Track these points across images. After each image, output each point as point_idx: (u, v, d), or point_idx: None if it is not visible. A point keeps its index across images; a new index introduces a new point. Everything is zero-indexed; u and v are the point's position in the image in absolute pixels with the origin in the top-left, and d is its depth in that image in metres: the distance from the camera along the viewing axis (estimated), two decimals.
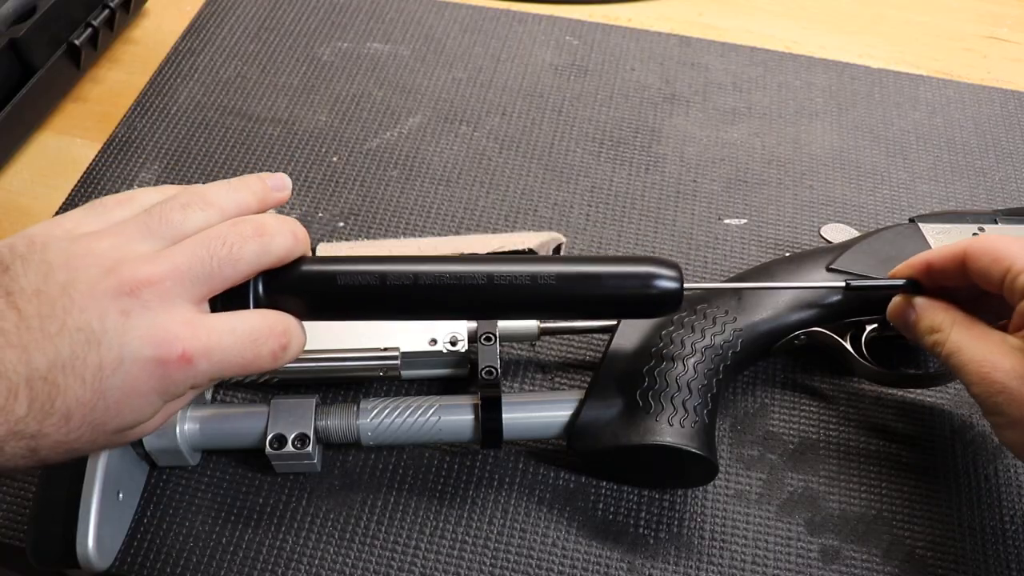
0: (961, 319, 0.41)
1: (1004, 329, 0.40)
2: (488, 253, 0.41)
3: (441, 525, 0.44)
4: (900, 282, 0.42)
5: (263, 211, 0.38)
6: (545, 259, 0.39)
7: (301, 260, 0.38)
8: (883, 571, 0.43)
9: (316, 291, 0.38)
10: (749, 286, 0.44)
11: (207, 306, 0.35)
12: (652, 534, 0.44)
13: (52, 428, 0.31)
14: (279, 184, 0.40)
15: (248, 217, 0.37)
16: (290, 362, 0.37)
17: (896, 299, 0.43)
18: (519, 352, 0.50)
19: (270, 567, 0.43)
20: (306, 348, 0.39)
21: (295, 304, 0.37)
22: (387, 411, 0.43)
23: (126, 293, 0.32)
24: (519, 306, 0.39)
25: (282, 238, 0.36)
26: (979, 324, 0.40)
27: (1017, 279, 0.39)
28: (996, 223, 0.49)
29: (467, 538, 0.44)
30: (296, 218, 0.56)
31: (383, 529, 0.44)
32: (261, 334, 0.35)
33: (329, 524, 0.44)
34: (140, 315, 0.32)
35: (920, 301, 0.42)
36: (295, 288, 0.38)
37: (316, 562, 0.43)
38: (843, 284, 0.42)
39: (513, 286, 0.38)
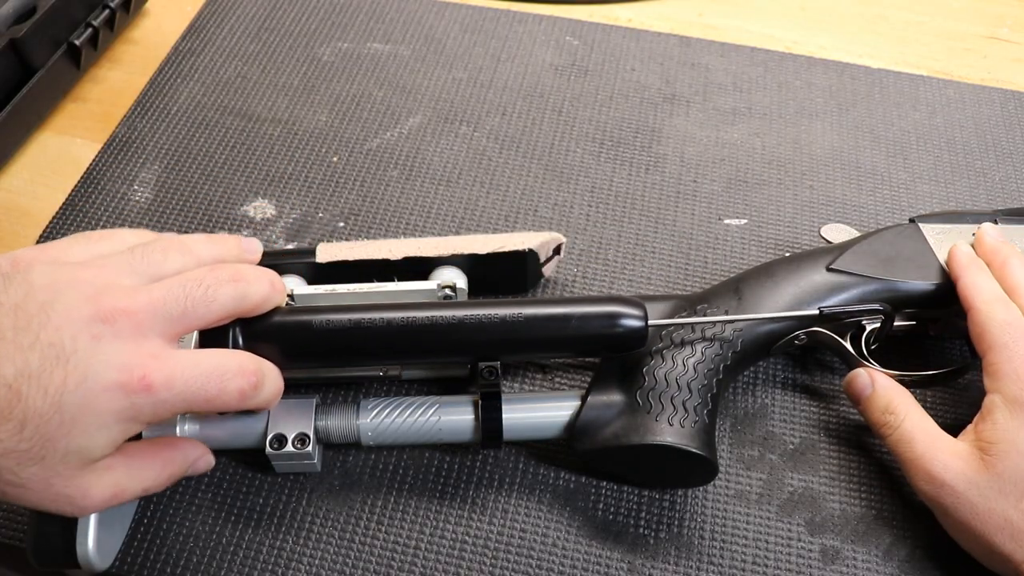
0: (915, 411, 0.43)
1: None
2: (471, 300, 0.42)
3: (441, 525, 0.44)
4: (873, 307, 0.44)
5: None
6: (514, 301, 0.42)
7: (277, 310, 0.40)
8: (883, 571, 0.43)
9: (292, 338, 0.40)
10: (721, 319, 0.44)
11: (179, 345, 0.37)
12: (652, 534, 0.44)
13: (5, 434, 0.32)
14: (252, 248, 0.43)
15: (227, 264, 0.39)
16: (265, 406, 0.38)
17: (859, 371, 0.45)
18: None
19: (270, 567, 0.43)
20: None
21: (272, 352, 0.39)
22: (387, 411, 0.43)
23: (101, 320, 0.34)
24: (489, 346, 0.41)
25: (259, 285, 0.38)
26: (930, 421, 0.43)
27: (988, 369, 0.42)
28: (996, 223, 0.49)
29: (467, 538, 0.44)
30: (296, 218, 0.57)
31: (383, 529, 0.44)
32: (228, 371, 0.36)
33: (329, 524, 0.44)
34: (111, 342, 0.33)
35: (881, 380, 0.45)
36: (271, 335, 0.40)
37: (316, 562, 0.43)
38: (817, 312, 0.44)
39: (483, 326, 0.40)
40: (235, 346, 0.39)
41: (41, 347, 0.32)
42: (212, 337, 0.38)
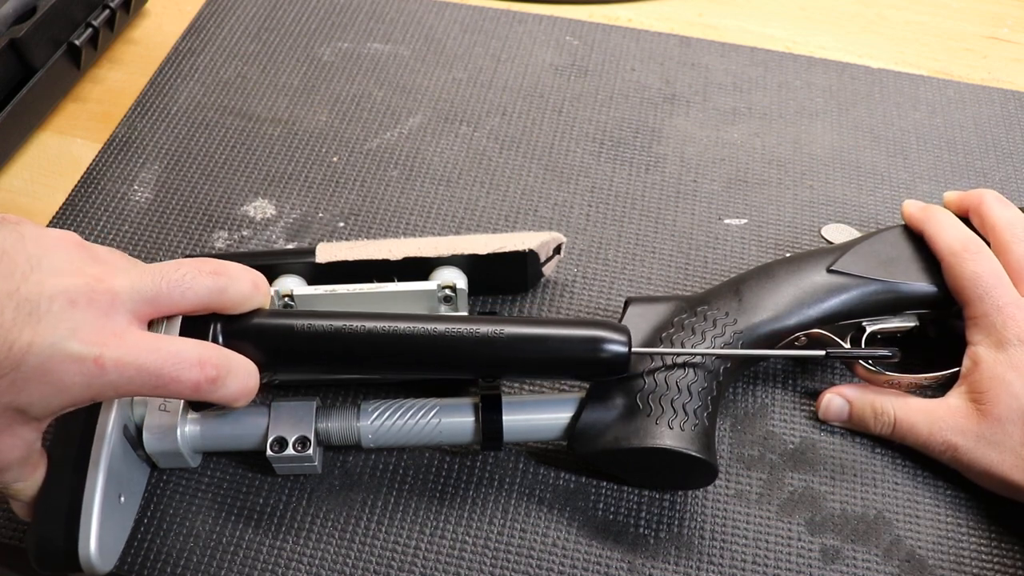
0: (899, 400, 0.46)
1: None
2: (456, 316, 0.42)
3: (441, 525, 0.44)
4: (881, 352, 0.44)
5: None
6: (497, 319, 0.41)
7: (259, 311, 0.40)
8: (883, 571, 0.43)
9: (272, 340, 0.40)
10: (709, 352, 0.43)
11: (161, 328, 0.37)
12: (652, 534, 0.44)
13: None
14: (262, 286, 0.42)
15: (213, 260, 0.38)
16: (231, 402, 0.38)
17: (825, 396, 0.47)
18: None
19: (270, 567, 0.43)
20: None
21: (252, 352, 0.39)
22: (387, 413, 0.43)
23: (81, 287, 0.34)
24: (469, 362, 0.41)
25: (241, 284, 0.38)
26: (915, 400, 0.46)
27: (968, 322, 0.45)
28: None
29: (467, 538, 0.44)
30: (296, 218, 0.57)
31: (383, 529, 0.44)
32: (186, 360, 0.35)
33: (329, 524, 0.44)
34: (84, 309, 0.34)
35: (851, 392, 0.47)
36: (251, 336, 0.39)
37: (316, 562, 0.43)
38: (823, 353, 0.43)
39: (464, 341, 0.40)
40: (214, 342, 0.38)
41: (18, 300, 0.33)
42: (193, 330, 0.38)
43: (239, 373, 0.38)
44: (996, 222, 0.46)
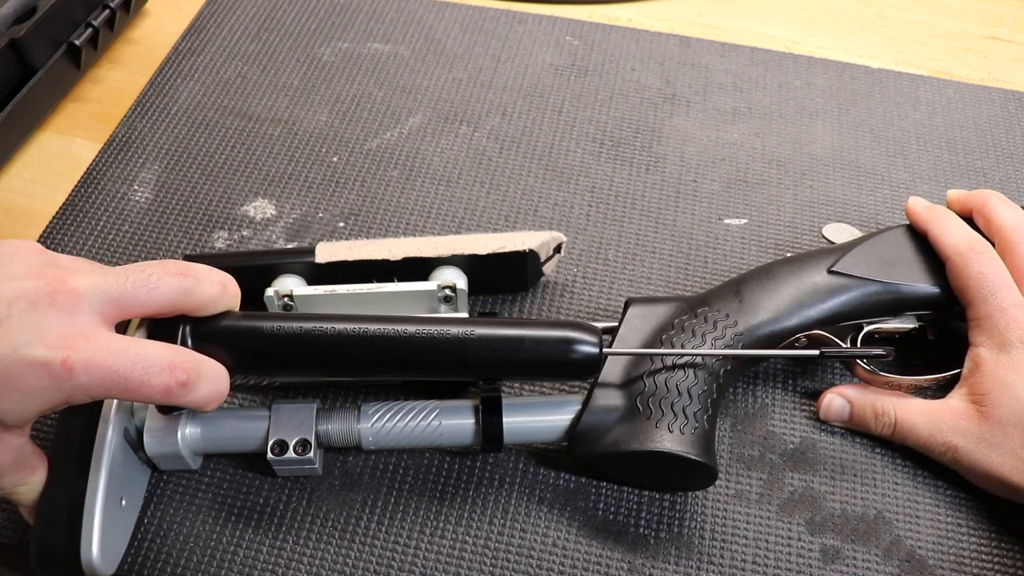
0: (899, 400, 0.46)
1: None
2: (428, 316, 0.41)
3: (441, 525, 0.44)
4: (875, 351, 0.44)
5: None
6: (469, 320, 0.41)
7: (229, 313, 0.39)
8: (883, 571, 0.43)
9: (241, 342, 0.39)
10: (713, 352, 0.43)
11: (115, 329, 0.36)
12: (653, 534, 0.44)
13: None
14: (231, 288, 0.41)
15: (179, 261, 0.38)
16: (202, 406, 0.37)
17: (826, 397, 0.47)
18: None
19: (271, 567, 0.43)
20: None
21: (221, 355, 0.38)
22: (388, 415, 0.43)
23: (42, 289, 0.33)
24: (440, 364, 0.40)
25: (208, 285, 0.38)
26: (916, 400, 0.46)
27: (972, 323, 0.45)
28: None
29: (467, 538, 0.44)
30: (296, 218, 0.57)
31: (383, 529, 0.44)
32: (156, 363, 0.35)
33: (329, 524, 0.44)
34: (45, 312, 0.33)
35: (851, 392, 0.47)
36: (220, 338, 0.39)
37: (316, 562, 0.43)
38: (818, 352, 0.43)
39: (433, 342, 0.39)
40: (183, 345, 0.38)
41: None
42: (162, 333, 0.38)
43: (210, 377, 0.37)
44: (1002, 223, 0.46)
